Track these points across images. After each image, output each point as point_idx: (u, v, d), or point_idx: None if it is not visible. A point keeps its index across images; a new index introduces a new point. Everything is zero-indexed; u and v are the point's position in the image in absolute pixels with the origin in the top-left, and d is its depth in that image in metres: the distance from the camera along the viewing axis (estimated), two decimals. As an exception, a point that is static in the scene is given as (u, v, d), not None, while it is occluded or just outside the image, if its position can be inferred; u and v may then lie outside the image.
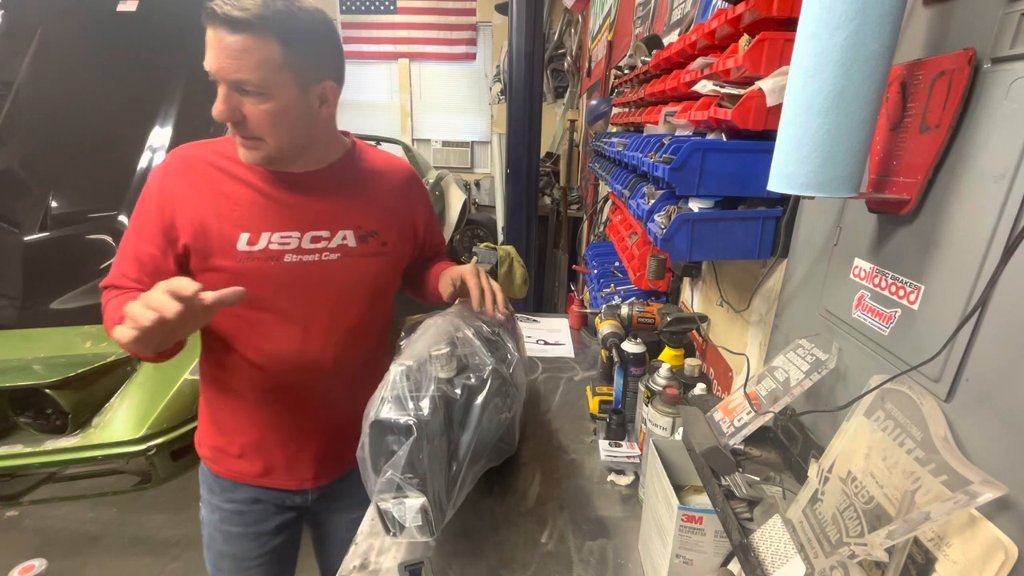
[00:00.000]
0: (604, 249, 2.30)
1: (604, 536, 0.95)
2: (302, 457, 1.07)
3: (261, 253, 0.93)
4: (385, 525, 0.83)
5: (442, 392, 0.85)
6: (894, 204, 0.64)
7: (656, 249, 1.03)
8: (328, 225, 0.98)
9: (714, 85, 0.93)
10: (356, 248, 1.00)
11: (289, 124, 0.86)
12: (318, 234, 0.97)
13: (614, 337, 1.29)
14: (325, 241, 0.97)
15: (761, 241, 0.96)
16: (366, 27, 6.89)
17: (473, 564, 0.89)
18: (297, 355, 0.99)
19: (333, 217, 0.98)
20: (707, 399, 0.94)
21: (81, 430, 2.06)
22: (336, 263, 0.98)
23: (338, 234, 0.99)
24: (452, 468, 0.86)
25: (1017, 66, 0.50)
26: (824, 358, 0.73)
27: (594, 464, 1.15)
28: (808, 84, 0.56)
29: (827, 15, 0.53)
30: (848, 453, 0.62)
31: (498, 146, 6.60)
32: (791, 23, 0.71)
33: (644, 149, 1.18)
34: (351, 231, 1.00)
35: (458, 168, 7.07)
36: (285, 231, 0.94)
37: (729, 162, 0.92)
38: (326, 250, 0.97)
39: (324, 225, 0.97)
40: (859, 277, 0.73)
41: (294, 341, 0.99)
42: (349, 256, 1.00)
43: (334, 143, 1.01)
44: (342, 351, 1.03)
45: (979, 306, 0.52)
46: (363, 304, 1.04)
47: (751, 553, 0.59)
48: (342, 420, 1.02)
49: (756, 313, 1.08)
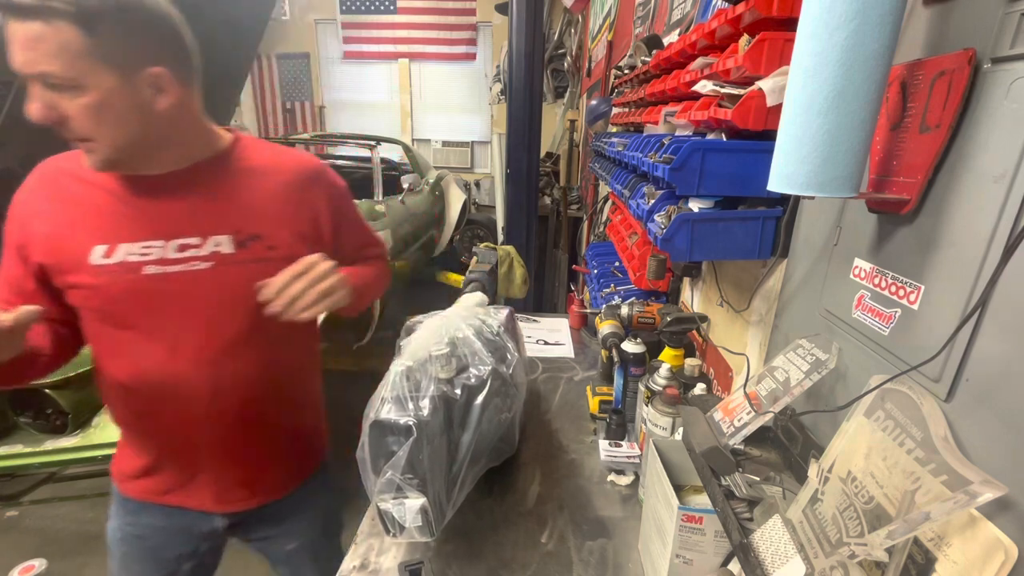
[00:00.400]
0: (604, 249, 2.30)
1: (604, 536, 0.95)
2: (201, 480, 0.98)
3: (118, 266, 0.83)
4: (385, 525, 0.83)
5: (442, 392, 0.85)
6: (894, 204, 0.64)
7: (656, 249, 1.03)
8: (197, 231, 0.87)
9: (714, 85, 0.93)
10: (233, 255, 0.89)
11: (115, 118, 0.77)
12: (185, 241, 0.86)
13: (614, 337, 1.29)
14: (194, 249, 0.86)
15: (761, 241, 0.96)
16: (366, 27, 6.90)
17: (473, 564, 0.89)
18: (163, 376, 0.89)
19: (202, 221, 0.87)
20: (707, 399, 0.94)
21: (81, 430, 2.06)
22: (209, 273, 0.87)
23: (210, 240, 0.87)
24: (452, 468, 0.86)
25: (1017, 66, 0.50)
26: (824, 358, 0.73)
27: (594, 464, 1.15)
28: (808, 84, 0.56)
29: (827, 15, 0.53)
30: (848, 453, 0.62)
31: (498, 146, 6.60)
32: (791, 23, 0.71)
33: (644, 149, 1.18)
34: (226, 236, 0.88)
35: (458, 168, 7.08)
36: (146, 240, 0.84)
37: (729, 162, 0.92)
38: (196, 259, 0.86)
39: (192, 231, 0.86)
40: (859, 277, 0.73)
41: (159, 361, 0.88)
42: (225, 264, 0.88)
43: (198, 140, 0.89)
44: (222, 370, 0.91)
45: (979, 306, 0.52)
46: (247, 316, 0.91)
47: (751, 553, 0.59)
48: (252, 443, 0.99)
49: (756, 313, 1.08)
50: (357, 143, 4.37)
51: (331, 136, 4.89)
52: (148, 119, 0.80)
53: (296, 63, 7.09)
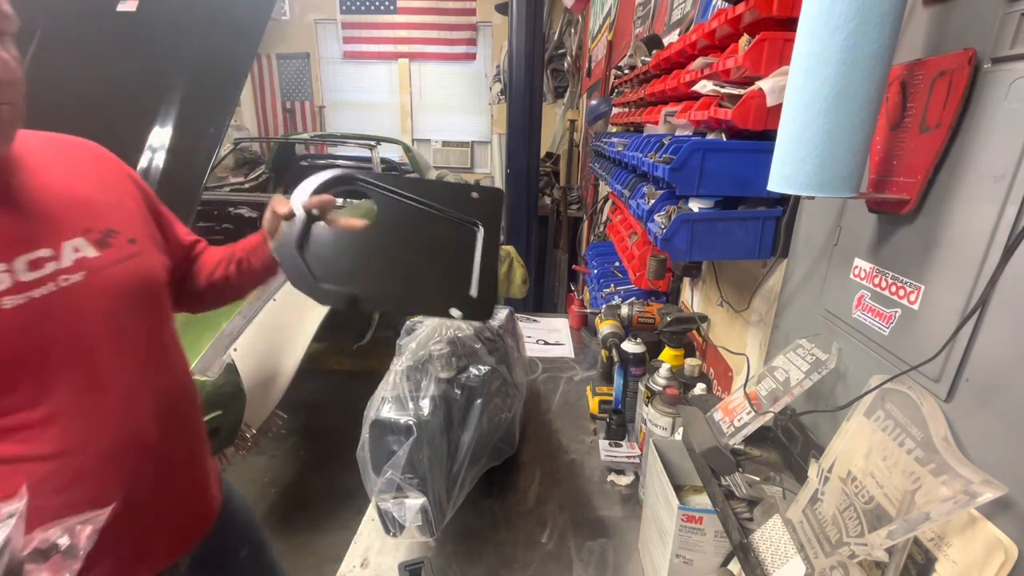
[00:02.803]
0: (604, 249, 2.30)
1: (604, 536, 0.95)
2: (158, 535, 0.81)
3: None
4: (385, 525, 0.83)
5: (442, 392, 0.85)
6: (894, 204, 0.64)
7: (656, 249, 1.03)
8: (46, 240, 0.68)
9: (714, 85, 0.93)
10: (101, 257, 0.73)
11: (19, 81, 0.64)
12: (35, 256, 0.66)
13: (614, 337, 1.29)
14: (52, 262, 0.67)
15: (761, 241, 0.96)
16: (366, 27, 6.90)
17: (473, 564, 0.89)
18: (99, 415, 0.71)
19: (48, 227, 0.69)
20: (707, 399, 0.94)
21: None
22: (84, 285, 0.70)
23: (66, 247, 0.70)
24: (452, 468, 0.86)
25: (1017, 66, 0.50)
26: (824, 358, 0.73)
27: (594, 464, 1.15)
28: (808, 84, 0.56)
29: (826, 15, 0.54)
30: (848, 453, 0.62)
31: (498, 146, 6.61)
32: (791, 23, 0.71)
33: (644, 149, 1.18)
34: (81, 238, 0.71)
35: (458, 168, 7.08)
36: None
37: (729, 162, 0.92)
38: (61, 272, 0.68)
39: (39, 241, 0.68)
40: (859, 277, 0.73)
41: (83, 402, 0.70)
42: (97, 270, 0.72)
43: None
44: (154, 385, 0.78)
45: (979, 306, 0.52)
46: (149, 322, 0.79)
47: (751, 553, 0.59)
48: (196, 456, 0.88)
49: (756, 313, 1.08)
50: (357, 143, 4.37)
51: (331, 136, 4.90)
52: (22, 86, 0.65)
53: (296, 63, 7.09)
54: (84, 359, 0.70)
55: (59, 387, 0.68)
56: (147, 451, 0.76)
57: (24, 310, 0.64)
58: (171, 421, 0.80)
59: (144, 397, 0.76)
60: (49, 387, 0.67)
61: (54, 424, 0.68)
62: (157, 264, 0.82)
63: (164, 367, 0.82)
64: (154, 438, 0.76)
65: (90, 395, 0.70)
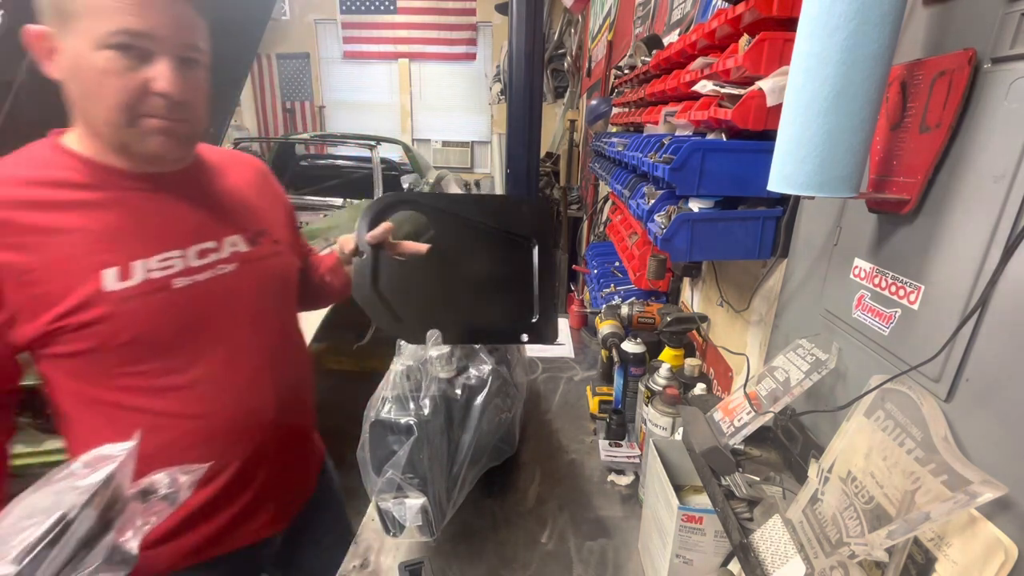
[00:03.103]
0: (604, 249, 2.30)
1: (604, 536, 0.95)
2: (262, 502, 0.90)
3: (142, 286, 0.73)
4: (385, 525, 0.83)
5: (443, 392, 0.85)
6: (894, 204, 0.64)
7: (656, 249, 1.03)
8: (212, 234, 0.81)
9: (714, 85, 0.93)
10: (249, 253, 0.85)
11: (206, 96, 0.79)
12: (204, 247, 0.79)
13: (614, 337, 1.29)
14: (215, 253, 0.81)
15: (761, 241, 0.96)
16: (366, 27, 6.90)
17: (473, 564, 0.89)
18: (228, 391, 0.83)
19: (214, 223, 0.82)
20: (707, 399, 0.94)
21: (81, 430, 2.06)
22: (235, 275, 0.82)
23: (226, 241, 0.82)
24: (452, 468, 0.86)
25: (1017, 66, 0.50)
26: (824, 358, 0.73)
27: (594, 464, 1.15)
28: (808, 84, 0.56)
29: (826, 15, 0.54)
30: (848, 453, 0.62)
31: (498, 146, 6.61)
32: (791, 23, 0.71)
33: (644, 149, 1.18)
34: (238, 235, 0.84)
35: (458, 168, 7.08)
36: (162, 252, 0.75)
37: (729, 162, 0.92)
38: (220, 262, 0.81)
39: (207, 234, 0.80)
40: (859, 277, 0.73)
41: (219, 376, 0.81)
42: (246, 263, 0.84)
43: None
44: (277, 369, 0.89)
45: (979, 306, 0.52)
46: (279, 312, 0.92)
47: (751, 553, 0.59)
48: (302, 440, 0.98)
49: (756, 313, 1.08)
50: (357, 143, 4.36)
51: (331, 136, 4.90)
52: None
53: (296, 63, 7.09)
54: (228, 337, 0.82)
55: (205, 359, 0.80)
56: (264, 427, 0.86)
57: (189, 291, 0.77)
58: (287, 404, 0.90)
59: (268, 379, 0.87)
60: (198, 357, 0.79)
61: (196, 389, 0.79)
62: (292, 264, 0.96)
63: (288, 355, 0.94)
64: (271, 416, 0.87)
65: (227, 369, 0.82)
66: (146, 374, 0.76)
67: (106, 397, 0.75)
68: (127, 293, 0.72)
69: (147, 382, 0.76)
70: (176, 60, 0.70)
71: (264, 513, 0.91)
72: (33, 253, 0.68)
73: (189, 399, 0.79)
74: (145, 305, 0.73)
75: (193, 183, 0.82)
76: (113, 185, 0.74)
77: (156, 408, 0.77)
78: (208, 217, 0.82)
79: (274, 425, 0.88)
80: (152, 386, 0.77)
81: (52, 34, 0.68)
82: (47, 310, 0.69)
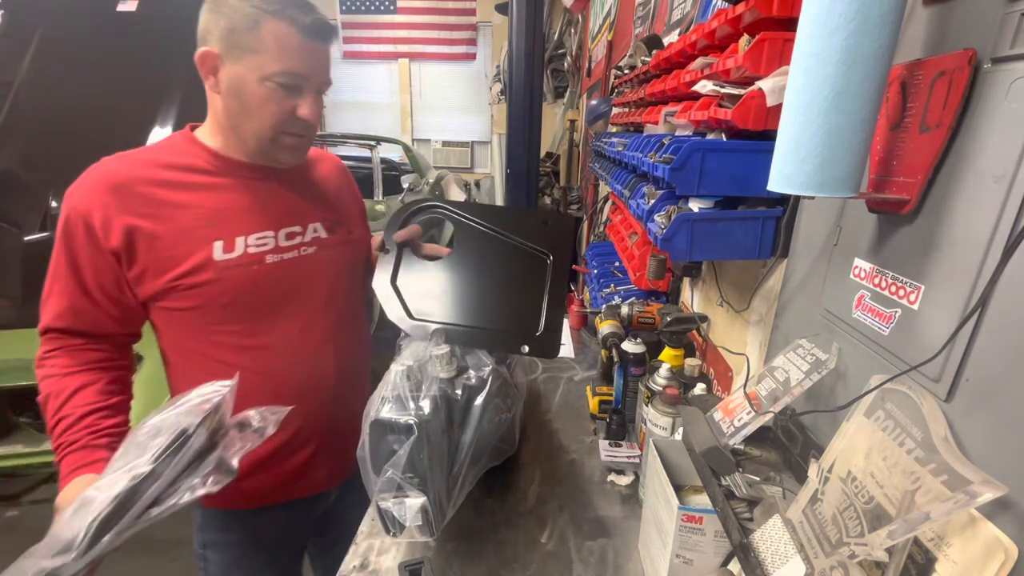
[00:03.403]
0: (604, 249, 2.29)
1: (604, 536, 0.95)
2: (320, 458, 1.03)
3: (242, 258, 0.89)
4: (385, 525, 0.83)
5: (442, 392, 0.85)
6: (894, 204, 0.64)
7: (656, 249, 1.03)
8: (298, 220, 0.97)
9: (714, 85, 0.93)
10: (327, 239, 1.00)
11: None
12: (292, 230, 0.95)
13: (614, 337, 1.29)
14: (299, 236, 0.96)
15: (761, 241, 0.96)
16: (366, 27, 6.90)
17: (473, 564, 0.89)
18: (299, 355, 0.97)
19: (302, 211, 0.98)
20: (707, 399, 0.94)
21: (81, 430, 2.06)
22: (313, 257, 0.98)
23: (309, 227, 0.98)
24: (452, 468, 0.86)
25: (1017, 66, 0.50)
26: (824, 358, 0.73)
27: (594, 464, 1.15)
28: (808, 84, 0.56)
29: (826, 15, 0.54)
30: (848, 453, 0.62)
31: (498, 146, 6.61)
32: (791, 23, 0.71)
33: (644, 149, 1.18)
34: (319, 223, 0.99)
35: (458, 168, 7.08)
36: (259, 231, 0.91)
37: (729, 162, 0.92)
38: (303, 245, 0.96)
39: (294, 220, 0.96)
40: (859, 277, 0.73)
41: (293, 342, 0.96)
42: (324, 248, 0.99)
43: None
44: (340, 342, 1.02)
45: (979, 306, 0.52)
46: (346, 293, 1.05)
47: (751, 553, 0.59)
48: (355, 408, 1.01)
49: (756, 313, 1.08)
50: (357, 143, 4.36)
51: (331, 136, 4.90)
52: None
53: (296, 63, 7.08)
54: (303, 309, 0.97)
55: (283, 326, 0.95)
56: (325, 391, 1.00)
57: (277, 266, 0.93)
58: (346, 373, 1.04)
59: (332, 350, 1.01)
60: (277, 324, 0.94)
61: (272, 351, 0.94)
62: (361, 253, 1.12)
63: (352, 331, 1.07)
64: (332, 382, 1.01)
65: (300, 337, 0.97)
66: (235, 333, 0.91)
67: (201, 349, 0.91)
68: (230, 263, 0.88)
69: (235, 340, 0.92)
70: (315, 93, 0.88)
71: (321, 468, 1.04)
72: (163, 223, 0.84)
73: (266, 358, 0.94)
74: (242, 274, 0.89)
75: (290, 175, 0.97)
76: (231, 173, 0.91)
77: (238, 363, 0.89)
78: (297, 205, 0.97)
79: (334, 391, 1.01)
80: (238, 344, 0.92)
81: (221, 57, 0.82)
82: (169, 271, 0.85)
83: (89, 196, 0.83)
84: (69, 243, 0.83)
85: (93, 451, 0.79)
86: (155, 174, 0.86)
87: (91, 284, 0.84)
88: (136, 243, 0.83)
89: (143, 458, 0.64)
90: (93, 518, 0.61)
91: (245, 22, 0.79)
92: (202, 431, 0.69)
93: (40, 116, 2.44)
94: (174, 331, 0.91)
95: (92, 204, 0.82)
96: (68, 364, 0.84)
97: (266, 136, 0.87)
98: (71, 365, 0.85)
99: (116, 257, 0.83)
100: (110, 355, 0.89)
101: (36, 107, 2.45)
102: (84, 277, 0.84)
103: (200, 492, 0.68)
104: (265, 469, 0.97)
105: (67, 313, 0.85)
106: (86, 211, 0.82)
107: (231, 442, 0.73)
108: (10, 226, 2.29)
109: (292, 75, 0.83)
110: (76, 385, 0.83)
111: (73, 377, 0.83)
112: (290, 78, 0.83)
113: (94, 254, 0.83)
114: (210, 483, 0.69)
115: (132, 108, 2.51)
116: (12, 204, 2.31)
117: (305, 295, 0.97)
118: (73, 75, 2.53)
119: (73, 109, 2.48)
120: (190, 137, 0.91)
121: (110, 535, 0.61)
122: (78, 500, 0.63)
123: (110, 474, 0.65)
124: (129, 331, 0.92)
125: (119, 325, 0.89)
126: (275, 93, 0.83)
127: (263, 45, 0.80)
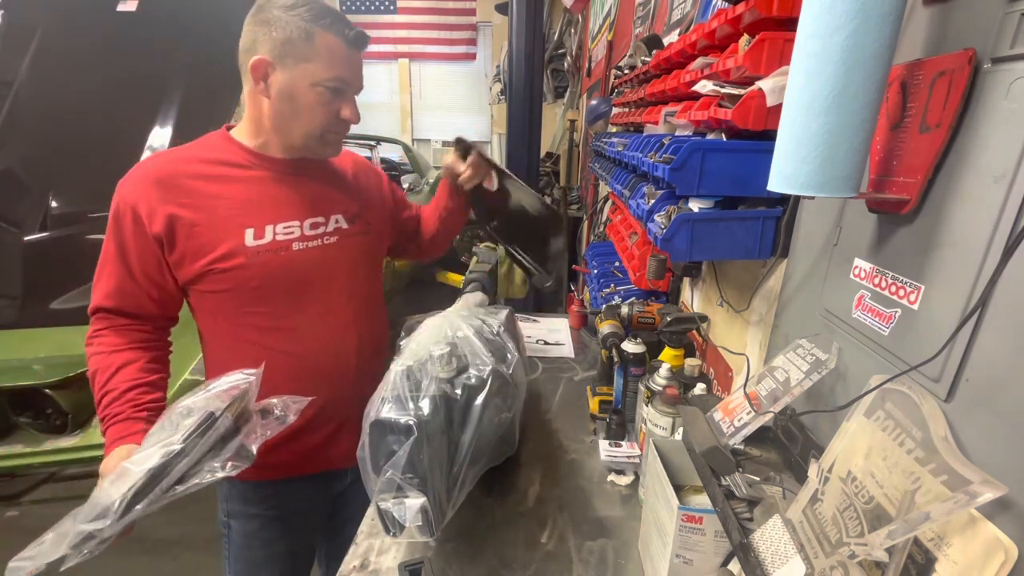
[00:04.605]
0: (604, 249, 2.30)
1: (604, 536, 0.95)
2: (341, 437, 1.09)
3: (271, 245, 0.96)
4: (385, 525, 0.83)
5: (442, 392, 0.85)
6: (894, 204, 0.64)
7: (656, 249, 1.03)
8: (321, 211, 1.03)
9: (714, 85, 0.93)
10: (348, 229, 1.06)
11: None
12: (315, 220, 1.02)
13: (614, 337, 1.29)
14: (323, 227, 1.03)
15: (761, 241, 0.96)
16: (366, 27, 6.82)
17: (473, 564, 0.89)
18: (322, 337, 1.03)
19: (325, 203, 1.04)
20: (707, 399, 0.94)
21: (81, 430, 2.06)
22: (336, 246, 1.04)
23: (331, 218, 1.04)
24: (452, 468, 0.86)
25: (1017, 66, 0.50)
26: (824, 358, 0.73)
27: (594, 464, 1.15)
28: (808, 84, 0.56)
29: (827, 15, 0.54)
30: (848, 453, 0.62)
31: (498, 146, 6.61)
32: (791, 23, 0.71)
33: (644, 149, 1.18)
34: (340, 215, 1.06)
35: (458, 168, 7.06)
36: (286, 221, 0.98)
37: (729, 162, 0.92)
38: (326, 234, 1.03)
39: (318, 211, 1.02)
40: (859, 277, 0.73)
41: (316, 325, 1.02)
42: (345, 238, 1.06)
43: None
44: (360, 326, 1.09)
45: (979, 306, 0.52)
46: (366, 280, 1.12)
47: (751, 553, 0.59)
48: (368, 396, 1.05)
49: (756, 313, 1.08)
50: (357, 143, 4.37)
51: (331, 136, 4.89)
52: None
53: (296, 63, 7.08)
54: (326, 294, 1.03)
55: (307, 310, 1.01)
56: (345, 371, 1.07)
57: (302, 253, 0.99)
58: (365, 355, 1.10)
59: (352, 333, 1.07)
60: (302, 308, 1.01)
61: (297, 332, 1.01)
62: (381, 244, 1.20)
63: (370, 316, 1.13)
64: (353, 363, 1.08)
65: (323, 320, 1.03)
66: (263, 315, 0.98)
67: (232, 330, 0.99)
68: (260, 249, 0.95)
69: (262, 322, 0.98)
70: (354, 97, 0.99)
71: (341, 444, 1.09)
72: (200, 212, 0.92)
73: (291, 339, 1.00)
74: (271, 260, 0.96)
75: (316, 169, 1.05)
76: (263, 167, 0.98)
77: (265, 343, 0.98)
78: (321, 197, 1.04)
79: (354, 372, 1.07)
80: (266, 325, 0.99)
81: (273, 64, 0.90)
82: (204, 256, 0.92)
83: (136, 188, 0.91)
84: (118, 230, 0.92)
85: (134, 423, 0.86)
86: (194, 168, 0.94)
87: (136, 267, 0.93)
88: (176, 230, 0.91)
89: (175, 436, 0.72)
90: (128, 487, 0.69)
91: (300, 34, 0.88)
92: (228, 415, 0.75)
93: (40, 116, 2.44)
94: (209, 313, 1.00)
95: (139, 195, 0.91)
96: (115, 343, 0.94)
97: (315, 135, 0.96)
98: (117, 344, 0.94)
99: (159, 242, 0.91)
100: (152, 335, 0.98)
101: (36, 107, 2.45)
102: (130, 261, 0.93)
103: (219, 475, 0.73)
104: (290, 443, 1.04)
105: (115, 293, 0.94)
106: (134, 201, 0.91)
107: (253, 429, 0.79)
108: (10, 226, 2.30)
109: (339, 80, 0.93)
110: (121, 362, 0.91)
111: (118, 354, 0.92)
112: (337, 83, 0.93)
113: (140, 240, 0.91)
114: (229, 467, 0.74)
115: (132, 108, 2.51)
116: (12, 204, 2.31)
117: (327, 281, 1.03)
118: (73, 75, 2.53)
119: (73, 109, 2.48)
120: (226, 136, 1.00)
121: (142, 504, 0.69)
122: (116, 471, 0.72)
123: (146, 448, 0.73)
124: (167, 314, 1.00)
125: (158, 307, 0.97)
126: (324, 97, 0.93)
127: (316, 54, 0.90)
